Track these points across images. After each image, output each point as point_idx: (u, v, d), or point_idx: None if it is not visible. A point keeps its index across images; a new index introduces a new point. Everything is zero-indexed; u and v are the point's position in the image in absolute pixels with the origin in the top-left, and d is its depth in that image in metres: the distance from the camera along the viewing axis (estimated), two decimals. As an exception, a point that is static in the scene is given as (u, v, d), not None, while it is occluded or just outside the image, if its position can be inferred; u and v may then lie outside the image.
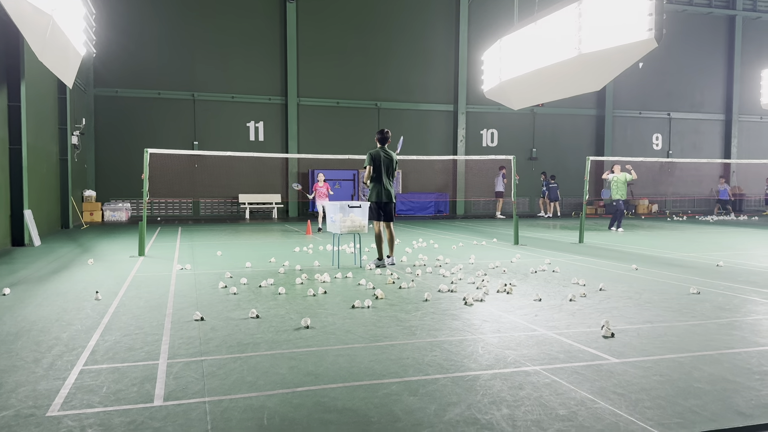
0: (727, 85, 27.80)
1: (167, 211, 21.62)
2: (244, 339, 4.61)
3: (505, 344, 4.47)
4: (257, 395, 3.38)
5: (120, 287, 6.97)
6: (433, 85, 24.24)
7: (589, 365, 3.95)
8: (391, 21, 23.54)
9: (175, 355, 4.16)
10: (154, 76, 21.23)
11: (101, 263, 9.17)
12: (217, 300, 6.20)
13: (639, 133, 26.98)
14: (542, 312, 5.61)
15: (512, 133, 25.18)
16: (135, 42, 20.83)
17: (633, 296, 6.43)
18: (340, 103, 23.14)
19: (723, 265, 8.88)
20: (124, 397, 3.34)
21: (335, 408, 3.20)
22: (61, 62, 10.21)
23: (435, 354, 4.20)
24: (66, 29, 9.51)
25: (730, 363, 4.02)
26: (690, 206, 27.77)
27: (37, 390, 3.47)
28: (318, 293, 6.53)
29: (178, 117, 21.56)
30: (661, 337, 4.70)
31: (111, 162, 20.85)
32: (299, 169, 22.68)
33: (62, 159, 16.27)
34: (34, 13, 7.87)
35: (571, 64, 10.12)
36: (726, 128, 27.99)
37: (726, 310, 5.75)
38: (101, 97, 20.79)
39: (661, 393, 3.42)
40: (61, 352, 4.25)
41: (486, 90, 13.83)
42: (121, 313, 5.54)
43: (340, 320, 5.25)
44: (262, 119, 22.42)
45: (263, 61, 22.31)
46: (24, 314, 5.50)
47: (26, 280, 7.55)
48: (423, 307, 5.81)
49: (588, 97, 25.53)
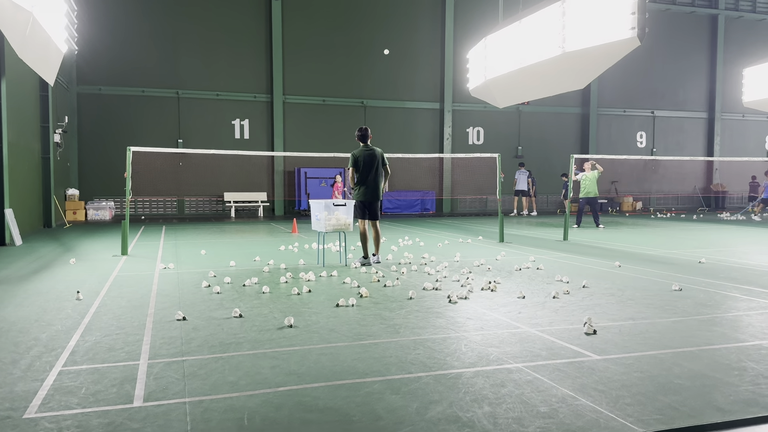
0: (709, 84, 28.09)
1: (151, 210, 21.44)
2: (226, 339, 4.58)
3: (488, 342, 4.48)
4: (238, 395, 3.36)
5: (102, 287, 6.90)
6: (419, 83, 24.25)
7: (571, 362, 3.97)
8: (377, 19, 23.50)
9: (156, 356, 4.12)
10: (138, 74, 21.03)
11: (83, 263, 9.07)
12: (200, 299, 6.16)
13: (623, 131, 27.18)
14: (525, 309, 5.63)
15: (498, 131, 25.26)
16: (118, 39, 20.62)
17: (616, 293, 6.48)
18: (326, 101, 23.08)
19: (705, 262, 8.98)
20: (104, 398, 3.30)
21: (317, 407, 3.18)
22: (42, 59, 10.07)
23: (418, 352, 4.20)
24: (47, 26, 9.37)
25: (709, 359, 4.06)
26: (674, 204, 28.05)
27: (15, 392, 3.42)
28: (302, 292, 6.51)
29: (162, 115, 21.38)
30: (643, 333, 4.74)
31: (94, 160, 20.63)
32: (285, 167, 22.59)
33: (44, 157, 16.06)
34: (13, 10, 7.75)
35: (555, 63, 10.17)
36: (709, 126, 28.29)
37: (707, 306, 5.81)
38: (84, 95, 20.56)
39: (641, 389, 3.45)
40: (40, 353, 4.19)
41: (471, 88, 13.87)
42: (103, 313, 5.48)
43: (324, 319, 5.23)
44: (247, 117, 22.29)
45: (248, 59, 22.19)
46: (3, 315, 5.43)
47: (6, 280, 7.45)
48: (407, 306, 5.81)
49: (573, 96, 25.69)
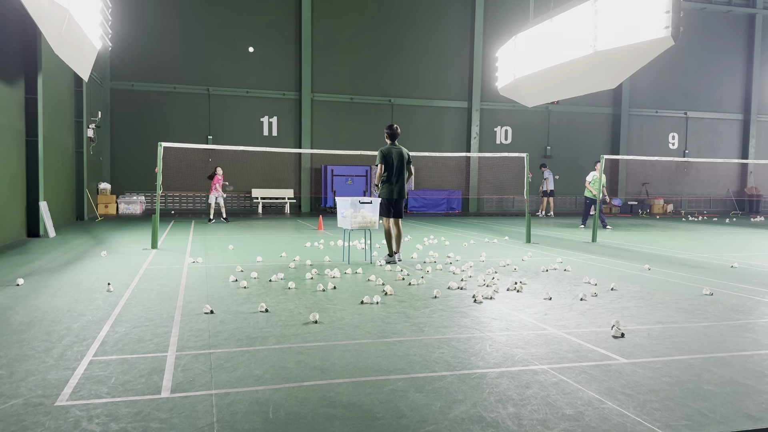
0: (745, 85, 27.43)
1: (181, 205, 21.77)
2: (252, 332, 4.62)
3: (514, 342, 4.44)
4: (264, 389, 3.39)
5: (132, 279, 7.03)
6: (447, 82, 24.16)
7: (597, 365, 3.92)
8: (405, 17, 23.48)
9: (184, 348, 4.19)
10: (170, 71, 21.37)
11: (114, 255, 9.25)
12: (228, 293, 6.24)
13: (655, 132, 26.72)
14: (552, 311, 5.57)
15: (526, 130, 25.04)
16: (151, 36, 20.97)
17: (645, 296, 6.37)
18: (353, 99, 23.14)
19: (737, 266, 8.77)
20: (132, 389, 3.36)
21: (340, 403, 3.20)
22: (77, 56, 10.29)
23: (442, 351, 4.19)
24: (82, 23, 9.59)
25: (741, 366, 3.97)
26: (706, 206, 27.47)
27: (47, 379, 3.50)
28: (327, 288, 6.54)
29: (192, 111, 21.69)
30: (672, 338, 4.65)
31: (126, 155, 21.03)
32: (312, 164, 22.73)
33: (78, 151, 16.43)
34: (50, 7, 7.94)
35: (586, 62, 10.04)
36: (744, 128, 27.64)
37: (739, 311, 5.68)
38: (117, 91, 20.97)
39: (669, 394, 3.39)
40: (71, 343, 4.29)
41: (500, 87, 13.77)
42: (132, 305, 5.58)
43: (348, 315, 5.25)
44: (276, 114, 22.48)
45: (278, 57, 22.37)
46: (37, 304, 5.57)
47: (40, 270, 7.64)
48: (432, 304, 5.80)
49: (603, 95, 25.33)
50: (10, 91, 11.03)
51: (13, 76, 11.26)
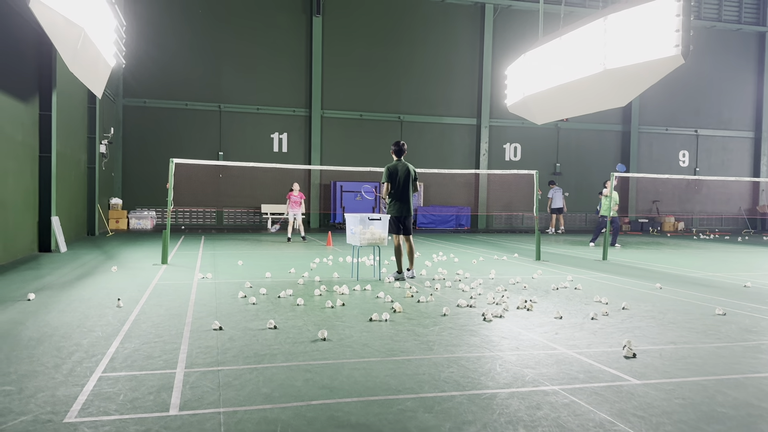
0: (756, 102, 27.32)
1: (191, 220, 21.87)
2: (261, 350, 4.61)
3: (524, 362, 4.40)
4: (272, 407, 3.37)
5: (142, 295, 7.05)
6: (457, 99, 24.25)
7: (609, 386, 3.87)
8: (415, 35, 23.65)
9: (193, 365, 4.18)
10: (182, 88, 21.60)
11: (124, 270, 9.29)
12: (237, 310, 6.23)
13: (665, 150, 26.61)
14: (563, 330, 5.52)
15: (536, 147, 25.03)
16: (164, 54, 21.24)
17: (656, 316, 6.31)
18: (363, 116, 23.27)
19: (750, 286, 8.67)
20: (141, 406, 3.36)
21: (349, 423, 3.17)
22: (91, 73, 10.44)
23: (452, 370, 4.16)
24: (97, 41, 9.73)
25: (756, 388, 3.90)
26: (717, 225, 27.25)
27: (56, 396, 3.51)
28: (336, 305, 6.53)
29: (204, 128, 21.88)
30: (685, 358, 4.59)
31: (137, 171, 21.20)
32: (321, 180, 22.80)
33: (90, 167, 16.59)
34: (66, 25, 8.07)
35: (596, 80, 10.05)
36: (755, 146, 27.48)
37: (753, 332, 5.60)
38: (130, 107, 21.21)
39: (683, 417, 3.34)
40: (81, 359, 4.30)
41: (509, 104, 13.79)
42: (142, 321, 5.59)
43: (357, 333, 5.23)
44: (286, 131, 22.63)
45: (288, 74, 22.57)
46: (47, 320, 5.59)
47: (51, 285, 7.68)
48: (441, 322, 5.76)
49: (613, 113, 25.32)
50: (25, 107, 11.18)
51: (28, 93, 11.42)
